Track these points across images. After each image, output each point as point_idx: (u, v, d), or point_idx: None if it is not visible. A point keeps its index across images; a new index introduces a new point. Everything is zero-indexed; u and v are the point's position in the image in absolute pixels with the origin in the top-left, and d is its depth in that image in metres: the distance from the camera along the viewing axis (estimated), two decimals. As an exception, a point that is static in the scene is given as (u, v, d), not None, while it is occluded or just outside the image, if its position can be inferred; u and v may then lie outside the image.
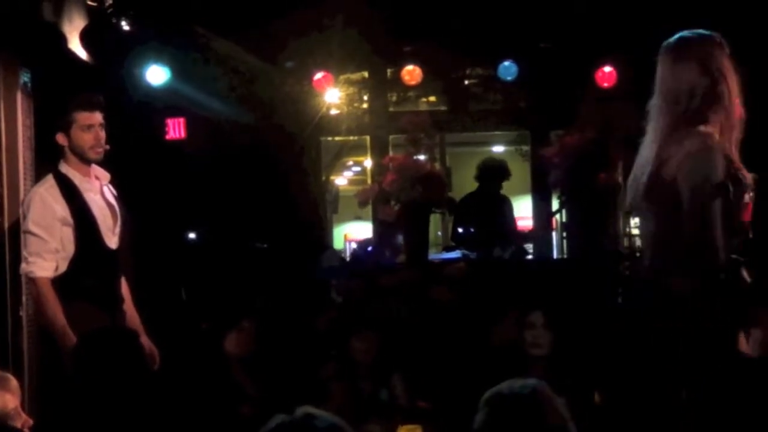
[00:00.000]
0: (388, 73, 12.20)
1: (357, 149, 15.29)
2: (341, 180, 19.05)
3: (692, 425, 3.98)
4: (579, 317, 7.16)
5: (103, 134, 5.57)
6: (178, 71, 10.31)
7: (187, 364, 6.75)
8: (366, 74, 12.25)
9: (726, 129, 4.17)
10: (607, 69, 10.74)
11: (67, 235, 5.45)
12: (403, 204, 9.61)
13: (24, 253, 5.50)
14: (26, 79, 7.42)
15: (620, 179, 9.77)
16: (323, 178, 14.16)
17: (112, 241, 5.63)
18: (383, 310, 8.03)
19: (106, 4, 9.53)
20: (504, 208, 10.85)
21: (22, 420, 4.63)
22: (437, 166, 10.37)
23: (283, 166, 11.19)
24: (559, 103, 11.01)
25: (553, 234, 13.23)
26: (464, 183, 12.05)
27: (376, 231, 11.36)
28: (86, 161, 5.57)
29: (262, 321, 7.36)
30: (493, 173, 10.72)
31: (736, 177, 4.08)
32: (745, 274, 4.11)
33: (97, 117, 5.56)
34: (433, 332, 7.94)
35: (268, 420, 2.74)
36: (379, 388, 7.00)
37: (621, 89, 10.54)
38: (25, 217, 5.52)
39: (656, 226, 4.21)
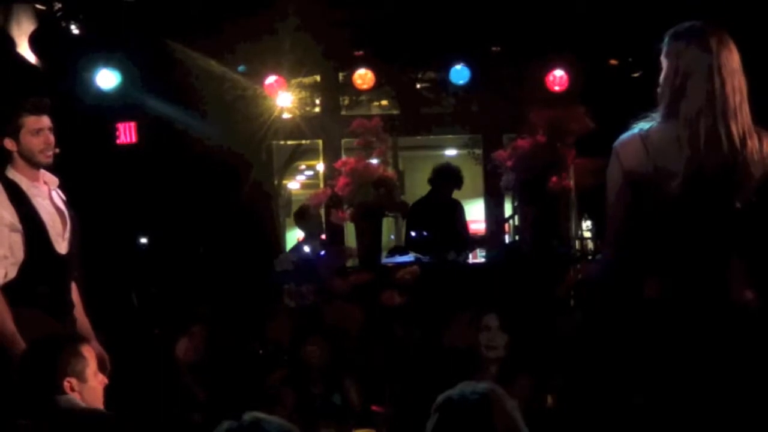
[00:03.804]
0: (340, 77, 12.21)
1: (309, 153, 15.31)
2: (294, 184, 19.06)
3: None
4: (532, 319, 7.18)
5: (52, 138, 5.52)
6: (128, 75, 10.25)
7: (138, 370, 6.71)
8: (318, 78, 12.25)
9: None
10: (558, 73, 10.81)
11: (16, 241, 5.38)
12: (355, 208, 9.61)
13: (-28, 260, 5.43)
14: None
15: (572, 182, 9.81)
16: (275, 182, 14.15)
17: (62, 246, 5.57)
18: (336, 314, 8.02)
19: (56, 8, 9.46)
20: (456, 212, 10.86)
21: (99, 379, 4.60)
22: (390, 169, 10.37)
23: (235, 170, 11.15)
24: (511, 107, 11.06)
25: (506, 237, 13.27)
26: (417, 186, 12.07)
27: (328, 235, 11.36)
28: (35, 165, 5.51)
29: (212, 326, 7.33)
30: (448, 179, 10.72)
31: None
32: None
33: (46, 121, 5.51)
34: (387, 335, 7.94)
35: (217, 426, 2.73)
36: (332, 392, 6.99)
37: (572, 93, 10.61)
38: (-28, 225, 5.44)
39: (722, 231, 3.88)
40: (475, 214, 14.47)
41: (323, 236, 11.16)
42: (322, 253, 10.27)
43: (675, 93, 3.93)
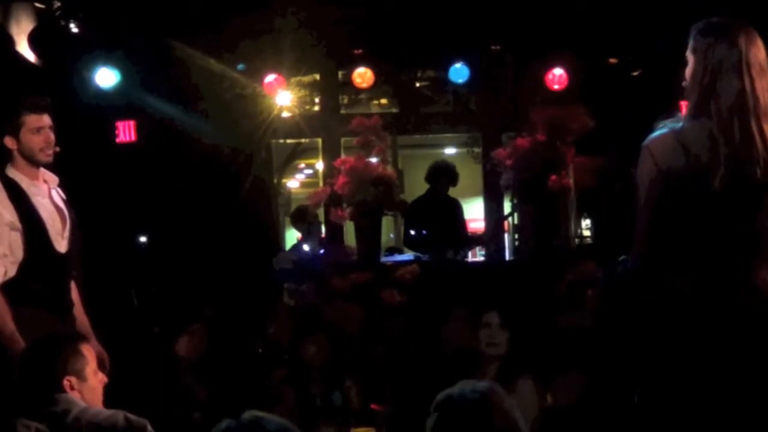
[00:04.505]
0: (340, 76, 12.21)
1: (309, 152, 15.32)
2: (293, 183, 19.08)
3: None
4: (532, 317, 7.18)
5: (52, 137, 5.52)
6: (128, 74, 10.25)
7: (138, 369, 6.70)
8: (317, 77, 12.24)
9: None
10: (558, 71, 10.81)
11: (16, 239, 5.38)
12: (355, 206, 9.61)
13: (-29, 259, 5.43)
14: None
15: (571, 181, 9.81)
16: (275, 180, 14.15)
17: (62, 245, 5.57)
18: (336, 313, 8.02)
19: (55, 7, 9.46)
20: (454, 210, 10.87)
21: (99, 378, 4.59)
22: (389, 168, 10.37)
23: (235, 169, 11.15)
24: (510, 106, 11.07)
25: (506, 236, 13.27)
26: (416, 185, 12.07)
27: (327, 233, 11.36)
28: (35, 164, 5.52)
29: (212, 325, 7.32)
30: (443, 175, 10.73)
31: None
32: None
33: (46, 119, 5.51)
34: (387, 334, 7.94)
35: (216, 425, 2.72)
36: (332, 391, 7.00)
37: (572, 91, 10.61)
38: (-29, 223, 5.44)
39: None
40: (475, 213, 14.48)
41: (323, 235, 11.17)
42: (322, 251, 10.29)
43: (704, 91, 3.91)
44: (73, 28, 9.68)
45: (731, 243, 3.88)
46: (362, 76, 11.10)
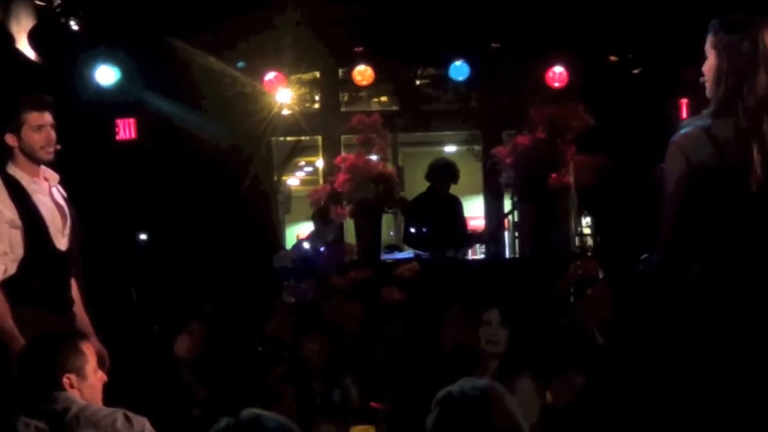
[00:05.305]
0: (340, 73, 12.22)
1: (309, 149, 15.30)
2: (293, 180, 19.04)
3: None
4: (532, 315, 7.18)
5: (54, 134, 5.51)
6: (128, 72, 10.25)
7: (137, 367, 6.70)
8: (317, 74, 12.25)
9: None
10: (558, 69, 10.81)
11: (16, 237, 5.38)
12: (355, 204, 9.62)
13: (-29, 256, 5.43)
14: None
15: (571, 179, 9.82)
16: (275, 178, 14.14)
17: (62, 242, 5.56)
18: (336, 311, 8.02)
19: (55, 4, 9.46)
20: (455, 208, 10.87)
21: (98, 376, 4.59)
22: (389, 166, 10.37)
23: (235, 166, 11.15)
24: (510, 103, 11.07)
25: (506, 234, 13.27)
26: (416, 183, 12.08)
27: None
28: (36, 162, 5.51)
29: (212, 323, 7.32)
30: (443, 173, 10.73)
31: None
32: None
33: (48, 117, 5.50)
34: (387, 332, 7.93)
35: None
36: (332, 388, 6.99)
37: (572, 89, 10.62)
38: (-29, 221, 5.44)
39: None
40: (475, 211, 14.48)
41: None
42: (322, 249, 10.29)
43: (730, 87, 3.91)
44: (74, 26, 9.68)
45: (753, 242, 3.87)
46: (362, 73, 11.11)
